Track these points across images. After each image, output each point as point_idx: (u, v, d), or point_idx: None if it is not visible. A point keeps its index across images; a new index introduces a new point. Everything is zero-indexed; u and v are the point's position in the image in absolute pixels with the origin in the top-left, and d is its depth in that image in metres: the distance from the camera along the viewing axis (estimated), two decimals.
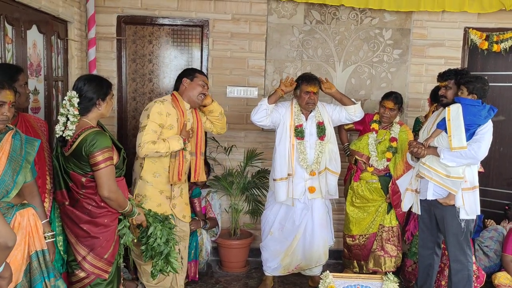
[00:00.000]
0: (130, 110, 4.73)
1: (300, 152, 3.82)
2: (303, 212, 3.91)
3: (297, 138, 3.83)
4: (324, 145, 3.86)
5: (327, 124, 3.90)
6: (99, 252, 2.66)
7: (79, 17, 4.23)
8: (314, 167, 3.83)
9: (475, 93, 3.21)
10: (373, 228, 4.11)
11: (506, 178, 4.87)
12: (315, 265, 4.00)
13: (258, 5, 4.55)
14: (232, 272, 4.46)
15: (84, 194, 2.63)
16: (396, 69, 4.67)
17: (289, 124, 3.83)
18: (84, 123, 2.62)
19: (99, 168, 2.55)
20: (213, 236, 4.45)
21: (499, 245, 4.18)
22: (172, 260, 3.05)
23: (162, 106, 3.30)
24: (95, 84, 2.67)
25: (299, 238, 3.94)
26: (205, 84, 3.45)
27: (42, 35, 3.58)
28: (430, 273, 3.61)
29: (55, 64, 3.86)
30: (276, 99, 3.81)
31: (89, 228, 2.63)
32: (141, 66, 4.68)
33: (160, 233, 2.98)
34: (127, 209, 2.74)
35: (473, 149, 3.15)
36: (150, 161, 3.32)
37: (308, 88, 3.80)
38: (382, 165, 4.01)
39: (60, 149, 2.67)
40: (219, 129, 3.70)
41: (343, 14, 4.59)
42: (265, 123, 3.81)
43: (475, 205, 3.30)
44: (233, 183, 4.54)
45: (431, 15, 4.57)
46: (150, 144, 3.18)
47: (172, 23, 4.57)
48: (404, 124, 4.14)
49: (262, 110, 3.75)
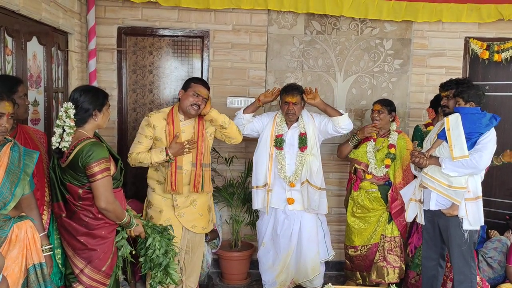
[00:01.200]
0: (131, 121, 4.72)
1: (278, 162, 3.84)
2: (285, 222, 3.90)
3: (276, 148, 3.84)
4: (305, 156, 3.82)
5: (310, 135, 3.84)
6: (97, 264, 2.63)
7: (80, 28, 4.23)
8: (293, 178, 3.82)
9: (471, 101, 3.23)
10: (375, 239, 4.07)
11: (510, 188, 4.84)
12: (303, 280, 3.96)
13: (258, 15, 4.55)
14: (233, 284, 4.42)
15: (81, 206, 2.61)
16: (397, 79, 4.66)
17: (270, 133, 3.87)
18: (80, 134, 2.61)
19: (96, 179, 2.53)
20: (214, 248, 4.41)
21: (503, 256, 4.13)
22: (171, 271, 3.02)
23: (151, 118, 3.40)
24: (91, 95, 2.65)
25: (291, 254, 3.92)
26: (197, 94, 3.35)
27: (42, 47, 3.58)
28: (434, 285, 3.56)
29: (55, 76, 3.86)
30: (253, 109, 3.87)
31: (86, 240, 2.61)
32: (142, 77, 4.68)
33: (158, 244, 2.95)
34: (125, 220, 2.71)
35: (474, 159, 3.13)
36: (152, 169, 3.44)
37: (287, 98, 3.80)
38: (381, 172, 3.99)
39: (57, 160, 2.65)
40: (228, 138, 3.60)
41: (344, 25, 4.59)
42: (244, 132, 3.83)
43: (479, 215, 3.26)
44: (234, 194, 4.51)
45: (432, 25, 4.57)
46: (134, 155, 3.36)
47: (172, 34, 4.57)
48: (402, 132, 4.14)
49: (238, 119, 3.85)
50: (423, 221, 3.50)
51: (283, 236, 3.89)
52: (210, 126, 3.52)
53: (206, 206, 3.57)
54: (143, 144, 3.38)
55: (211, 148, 3.61)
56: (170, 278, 3.03)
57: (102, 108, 2.68)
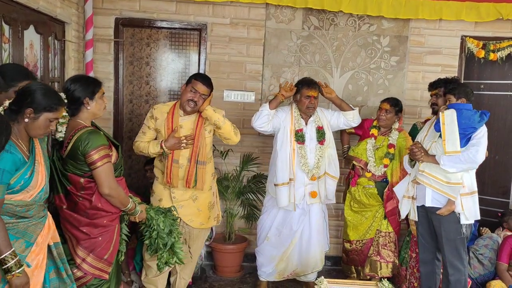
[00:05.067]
0: (127, 112, 4.71)
1: (301, 156, 3.82)
2: (301, 217, 3.90)
3: (298, 143, 3.83)
4: (324, 149, 3.87)
5: (326, 129, 3.91)
6: (99, 253, 2.66)
7: (77, 18, 4.21)
8: (315, 172, 3.83)
9: (462, 97, 3.32)
10: (370, 234, 4.10)
11: (501, 186, 4.89)
12: (311, 271, 3.99)
13: (256, 9, 4.55)
14: (226, 277, 4.44)
15: (83, 196, 2.63)
16: (393, 76, 4.68)
17: (290, 128, 3.83)
18: (77, 124, 2.62)
19: (97, 166, 2.55)
20: (208, 240, 4.42)
21: (494, 253, 4.17)
22: (177, 250, 3.07)
23: (155, 111, 3.49)
24: (81, 83, 2.66)
25: (295, 243, 3.93)
26: (195, 90, 3.35)
27: (39, 36, 3.56)
28: (433, 279, 3.60)
29: (51, 65, 3.84)
30: (277, 104, 3.80)
31: (89, 230, 2.63)
32: (138, 69, 4.66)
33: (163, 225, 3.00)
34: (129, 206, 2.75)
35: (471, 153, 3.19)
36: (157, 160, 3.56)
37: (309, 93, 3.80)
38: (379, 171, 4.03)
39: (57, 152, 2.66)
40: (223, 139, 3.56)
41: (341, 20, 4.60)
42: (267, 129, 3.80)
43: (475, 209, 3.32)
44: (229, 188, 4.52)
45: (429, 23, 4.59)
46: (138, 143, 3.53)
47: (170, 26, 4.56)
48: (403, 131, 4.15)
49: (264, 116, 3.75)
50: (416, 217, 3.54)
51: (296, 231, 3.90)
52: (209, 123, 3.51)
53: (207, 203, 3.58)
54: (146, 134, 3.52)
55: (211, 146, 3.61)
56: (176, 257, 3.08)
57: (93, 96, 2.67)
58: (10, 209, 2.17)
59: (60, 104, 2.30)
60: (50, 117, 2.26)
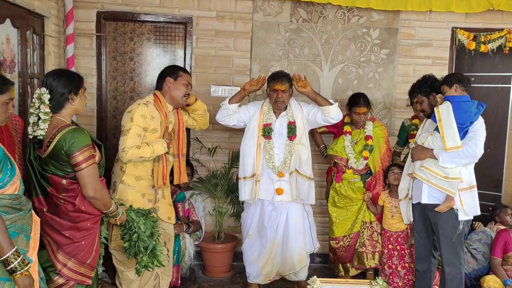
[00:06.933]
0: (110, 109, 4.57)
1: (266, 151, 3.74)
2: (272, 213, 3.80)
3: (264, 137, 3.74)
4: (294, 146, 3.74)
5: (299, 124, 3.76)
6: (82, 257, 2.54)
7: (57, 12, 4.06)
8: (282, 168, 3.73)
9: (455, 83, 3.18)
10: (357, 227, 4.08)
11: (493, 180, 4.85)
12: (289, 273, 3.88)
13: (243, 2, 4.43)
14: (215, 277, 4.33)
15: (65, 199, 2.50)
16: (384, 69, 4.60)
17: (257, 123, 3.76)
18: (59, 122, 2.49)
19: (81, 168, 2.44)
20: (197, 240, 4.32)
21: (487, 248, 4.13)
22: (158, 253, 2.97)
23: (146, 109, 3.17)
24: (65, 78, 2.53)
25: (277, 245, 3.83)
26: (188, 83, 3.32)
27: (16, 30, 3.41)
28: (428, 276, 3.54)
29: (30, 61, 3.69)
30: (238, 99, 3.76)
31: (72, 234, 2.51)
32: (122, 64, 4.52)
33: (144, 227, 2.89)
34: (111, 208, 2.64)
35: (470, 147, 3.10)
36: (132, 165, 3.19)
37: (275, 86, 3.69)
38: (361, 165, 4.00)
39: (34, 151, 2.52)
40: (202, 125, 3.65)
41: (330, 13, 4.50)
42: (228, 123, 3.78)
43: (474, 204, 3.23)
44: (217, 185, 4.41)
45: (419, 15, 4.52)
46: (135, 149, 3.06)
47: (154, 19, 4.42)
48: (376, 120, 4.14)
49: (223, 110, 3.75)
50: (411, 218, 3.50)
51: (269, 228, 3.80)
52: (185, 115, 3.50)
53: (170, 196, 3.51)
54: (141, 136, 3.13)
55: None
56: (157, 260, 2.98)
57: (78, 91, 2.56)
58: (7, 203, 2.08)
59: (7, 83, 2.24)
60: (4, 99, 2.19)
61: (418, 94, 3.48)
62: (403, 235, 3.90)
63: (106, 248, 2.92)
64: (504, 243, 4.00)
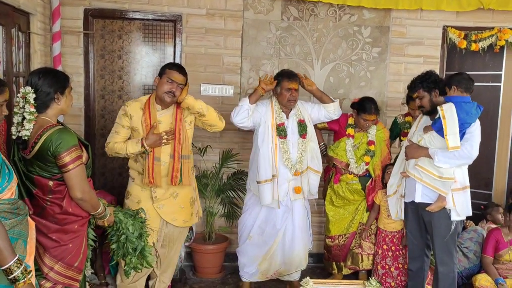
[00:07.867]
0: (98, 108, 4.48)
1: (284, 151, 3.67)
2: (284, 215, 3.76)
3: (280, 137, 3.68)
4: (306, 143, 3.74)
5: (307, 122, 3.78)
6: (69, 260, 2.47)
7: (43, 9, 3.96)
8: (298, 167, 3.69)
9: (454, 84, 3.16)
10: (353, 227, 4.06)
11: (484, 178, 4.85)
12: (295, 270, 3.86)
13: (233, 0, 4.37)
14: (207, 278, 4.28)
15: (51, 201, 2.43)
16: (375, 67, 4.57)
17: (271, 123, 3.68)
18: (44, 122, 2.41)
19: (69, 169, 2.37)
20: (187, 241, 4.25)
21: (479, 246, 4.13)
22: (147, 254, 2.93)
23: (128, 108, 3.25)
24: (51, 77, 2.45)
25: (279, 242, 3.79)
26: (172, 80, 3.16)
27: (0, 27, 3.31)
28: (421, 275, 3.52)
29: (15, 59, 3.59)
30: (257, 98, 3.65)
31: (59, 236, 2.44)
32: (110, 63, 4.44)
33: (132, 228, 2.84)
34: (99, 210, 2.58)
35: (466, 149, 3.08)
36: (132, 160, 3.32)
37: (290, 85, 3.65)
38: (361, 169, 3.98)
39: (18, 152, 2.44)
40: (208, 126, 3.43)
41: (321, 11, 4.46)
42: (247, 124, 3.65)
43: (467, 205, 3.23)
44: (208, 185, 4.35)
45: (410, 13, 4.50)
46: (111, 144, 3.25)
47: (143, 17, 4.35)
48: (379, 122, 4.10)
49: (244, 111, 3.60)
50: (403, 216, 3.47)
51: (279, 229, 3.76)
52: (189, 114, 3.35)
53: (188, 199, 3.40)
54: (120, 134, 3.25)
55: (191, 138, 3.44)
56: (145, 261, 2.94)
57: (64, 90, 2.49)
58: (6, 208, 2.03)
59: (2, 85, 2.17)
60: None
61: (420, 89, 3.32)
62: (399, 235, 3.89)
63: (94, 250, 2.86)
64: (496, 241, 3.99)
